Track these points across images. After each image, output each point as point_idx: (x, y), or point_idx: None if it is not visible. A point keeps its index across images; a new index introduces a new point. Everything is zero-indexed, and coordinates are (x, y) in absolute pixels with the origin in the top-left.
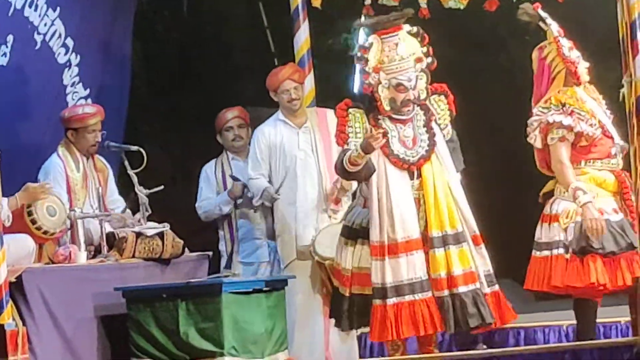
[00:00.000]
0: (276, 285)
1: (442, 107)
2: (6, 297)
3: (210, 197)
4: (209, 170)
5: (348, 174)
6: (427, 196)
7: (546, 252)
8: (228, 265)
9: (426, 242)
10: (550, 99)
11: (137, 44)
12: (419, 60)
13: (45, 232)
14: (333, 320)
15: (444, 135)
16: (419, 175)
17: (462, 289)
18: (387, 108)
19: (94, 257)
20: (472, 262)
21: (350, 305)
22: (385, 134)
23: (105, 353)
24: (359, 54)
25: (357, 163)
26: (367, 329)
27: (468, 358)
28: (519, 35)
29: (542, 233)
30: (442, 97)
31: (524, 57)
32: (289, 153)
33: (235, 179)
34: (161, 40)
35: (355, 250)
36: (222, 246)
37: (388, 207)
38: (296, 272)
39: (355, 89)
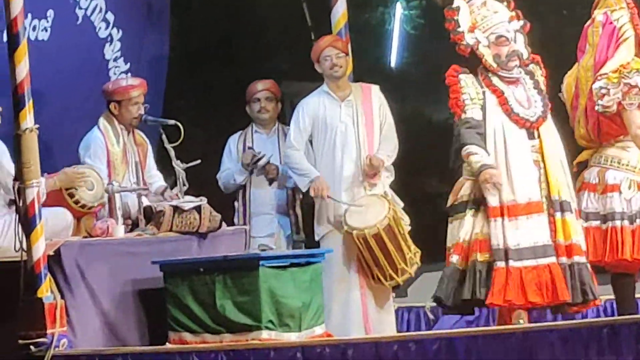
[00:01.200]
0: (313, 259)
1: (540, 77)
2: (44, 271)
3: (229, 169)
4: (232, 142)
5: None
6: (546, 158)
7: (595, 223)
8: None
9: (550, 205)
10: (628, 64)
11: (174, 18)
12: (512, 18)
13: (83, 206)
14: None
15: None
16: (538, 136)
17: (576, 258)
18: (494, 65)
19: (131, 230)
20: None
21: (473, 274)
22: None
23: (142, 326)
24: (447, 17)
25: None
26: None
27: (506, 333)
28: (557, 9)
29: (588, 203)
30: (538, 67)
31: (561, 31)
32: (330, 125)
33: (249, 148)
34: (197, 15)
35: (475, 220)
36: (236, 219)
37: (507, 169)
38: (331, 244)
39: (393, 63)
